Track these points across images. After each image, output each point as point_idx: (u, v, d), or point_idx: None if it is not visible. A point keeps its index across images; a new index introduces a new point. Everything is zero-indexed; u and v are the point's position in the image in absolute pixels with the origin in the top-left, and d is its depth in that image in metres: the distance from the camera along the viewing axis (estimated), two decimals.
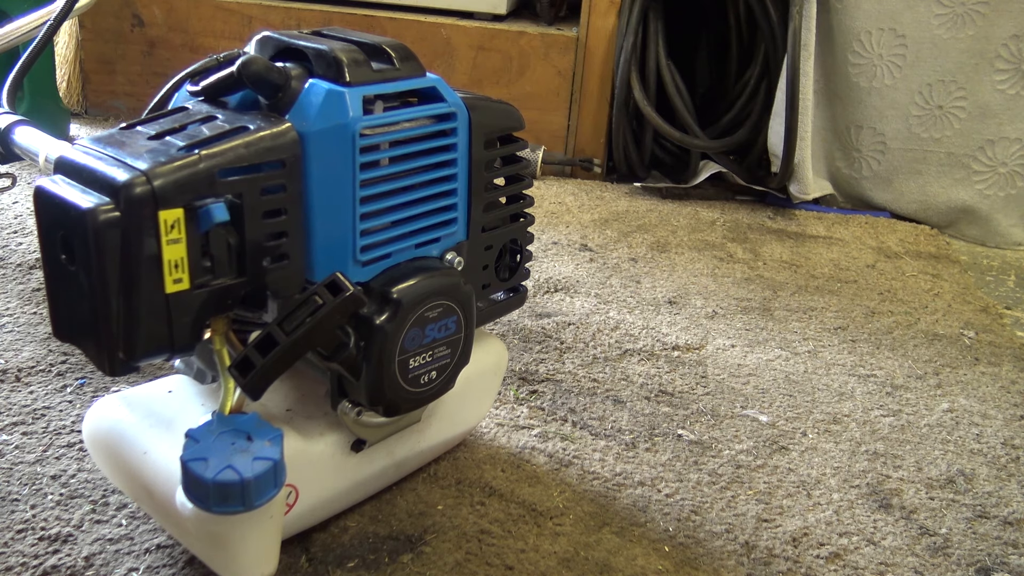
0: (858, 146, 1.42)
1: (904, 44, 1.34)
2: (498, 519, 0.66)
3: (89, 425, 0.60)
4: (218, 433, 0.50)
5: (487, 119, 0.61)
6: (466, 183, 0.61)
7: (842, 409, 0.86)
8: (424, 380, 0.59)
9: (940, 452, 0.80)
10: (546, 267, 1.13)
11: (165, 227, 0.46)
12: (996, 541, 0.69)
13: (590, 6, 1.42)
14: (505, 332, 0.95)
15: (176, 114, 0.54)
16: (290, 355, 0.49)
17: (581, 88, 1.46)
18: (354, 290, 0.50)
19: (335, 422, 0.60)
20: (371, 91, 0.54)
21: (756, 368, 0.92)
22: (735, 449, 0.78)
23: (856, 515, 0.71)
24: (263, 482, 0.48)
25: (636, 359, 0.92)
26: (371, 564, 0.61)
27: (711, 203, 1.42)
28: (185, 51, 1.53)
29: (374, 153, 0.54)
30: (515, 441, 0.76)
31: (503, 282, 0.68)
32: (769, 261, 1.21)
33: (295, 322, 0.49)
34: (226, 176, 0.48)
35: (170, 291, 0.47)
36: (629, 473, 0.73)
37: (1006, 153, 1.36)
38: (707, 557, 0.65)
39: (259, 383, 0.49)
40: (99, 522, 0.63)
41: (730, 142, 1.45)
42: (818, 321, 1.04)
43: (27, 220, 1.12)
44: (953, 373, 0.95)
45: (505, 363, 0.73)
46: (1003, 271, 1.28)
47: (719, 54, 1.56)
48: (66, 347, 0.84)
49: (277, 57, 0.57)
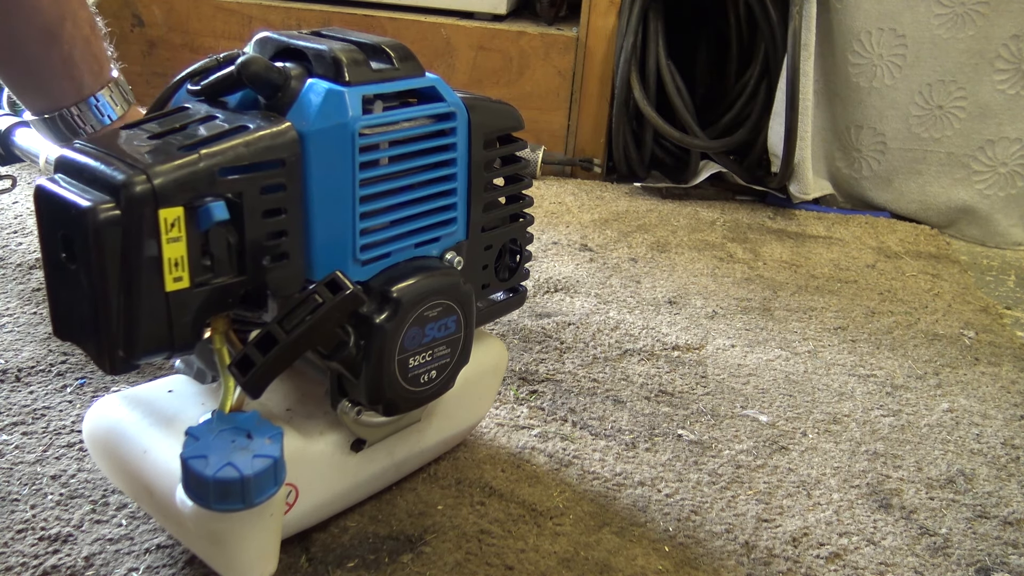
0: (858, 146, 1.42)
1: (904, 44, 1.34)
2: (498, 519, 0.66)
3: (89, 425, 0.60)
4: (218, 431, 0.50)
5: (486, 119, 0.61)
6: (465, 183, 0.61)
7: (842, 409, 0.86)
8: (424, 379, 0.59)
9: (940, 452, 0.80)
10: (546, 267, 1.13)
11: (165, 225, 0.46)
12: (996, 541, 0.69)
13: (590, 6, 1.42)
14: (505, 332, 0.95)
15: (176, 114, 0.54)
16: (290, 353, 0.49)
17: (581, 88, 1.46)
18: (353, 288, 0.50)
19: (335, 421, 0.60)
20: (370, 91, 0.54)
21: (756, 368, 0.92)
22: (735, 449, 0.78)
23: (856, 515, 0.71)
24: (263, 480, 0.48)
25: (636, 359, 0.92)
26: (371, 564, 0.61)
27: (711, 203, 1.42)
28: (185, 51, 1.53)
29: (373, 152, 0.54)
30: (515, 441, 0.76)
31: (503, 282, 0.68)
32: (769, 261, 1.21)
33: (295, 321, 0.49)
34: (226, 175, 0.48)
35: (170, 289, 0.47)
36: (629, 473, 0.73)
37: (1006, 153, 1.36)
38: (707, 557, 0.65)
39: (259, 381, 0.49)
40: (99, 522, 0.63)
41: (730, 142, 1.45)
42: (818, 321, 1.04)
43: (27, 220, 1.12)
44: (953, 373, 0.95)
45: (505, 363, 0.73)
46: (1003, 271, 1.28)
47: (719, 54, 1.56)
48: (66, 347, 0.84)
49: (277, 57, 0.57)
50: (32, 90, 0.75)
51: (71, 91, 0.74)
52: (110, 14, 1.52)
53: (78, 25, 0.72)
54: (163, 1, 1.51)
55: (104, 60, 0.77)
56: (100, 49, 0.76)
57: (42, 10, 0.70)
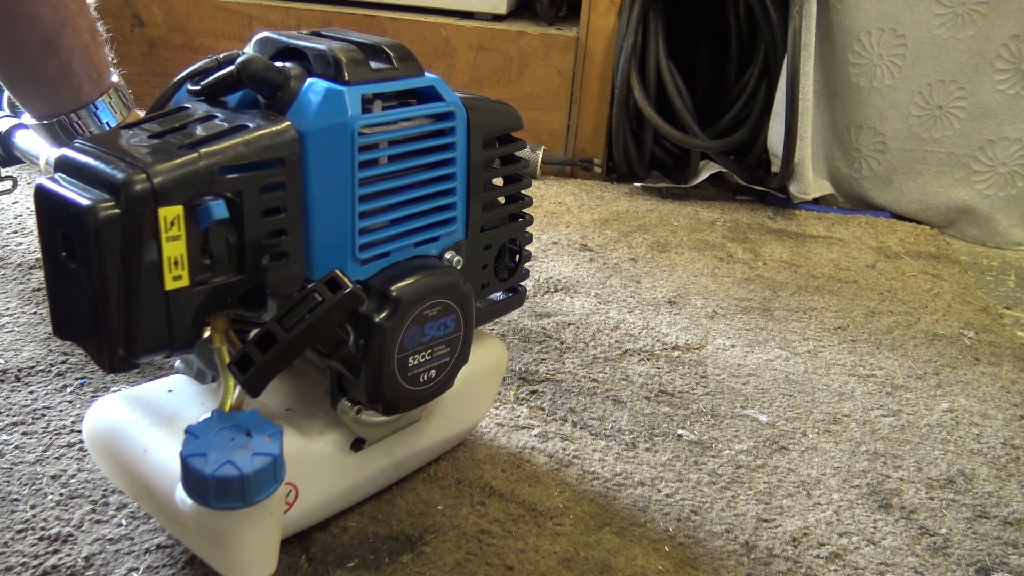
0: (858, 146, 1.42)
1: (904, 44, 1.34)
2: (498, 519, 0.66)
3: (89, 424, 0.60)
4: (218, 429, 0.50)
5: (485, 119, 0.61)
6: (465, 182, 0.61)
7: (842, 409, 0.86)
8: (423, 379, 0.59)
9: (940, 452, 0.80)
10: (546, 267, 1.13)
11: (165, 224, 0.46)
12: (996, 541, 0.69)
13: (590, 6, 1.42)
14: (505, 332, 0.95)
15: (176, 113, 0.54)
16: (289, 352, 0.49)
17: (581, 88, 1.46)
18: (353, 287, 0.50)
19: (335, 421, 0.60)
20: (370, 90, 0.54)
21: (756, 368, 0.92)
22: (735, 449, 0.78)
23: (856, 515, 0.71)
24: (262, 478, 0.48)
25: (636, 359, 0.92)
26: (371, 564, 0.61)
27: (711, 203, 1.42)
28: (185, 51, 1.53)
29: (373, 152, 0.54)
30: (515, 441, 0.76)
31: (502, 282, 0.68)
32: (769, 261, 1.21)
33: (294, 319, 0.49)
34: (226, 174, 0.48)
35: (170, 288, 0.47)
36: (629, 473, 0.73)
37: (1006, 153, 1.36)
38: (707, 557, 0.65)
39: (258, 380, 0.49)
40: (99, 522, 0.63)
41: (730, 142, 1.45)
42: (818, 321, 1.04)
43: (27, 220, 1.12)
44: (953, 373, 0.95)
45: (505, 363, 0.73)
46: (1003, 271, 1.28)
47: (719, 54, 1.56)
48: (66, 347, 0.84)
49: (276, 57, 0.57)
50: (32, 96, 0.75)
51: (69, 99, 0.74)
52: (110, 14, 1.52)
53: (77, 33, 0.73)
54: (163, 1, 1.51)
55: (104, 67, 0.77)
56: (100, 56, 0.76)
57: (41, 18, 0.70)
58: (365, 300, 0.53)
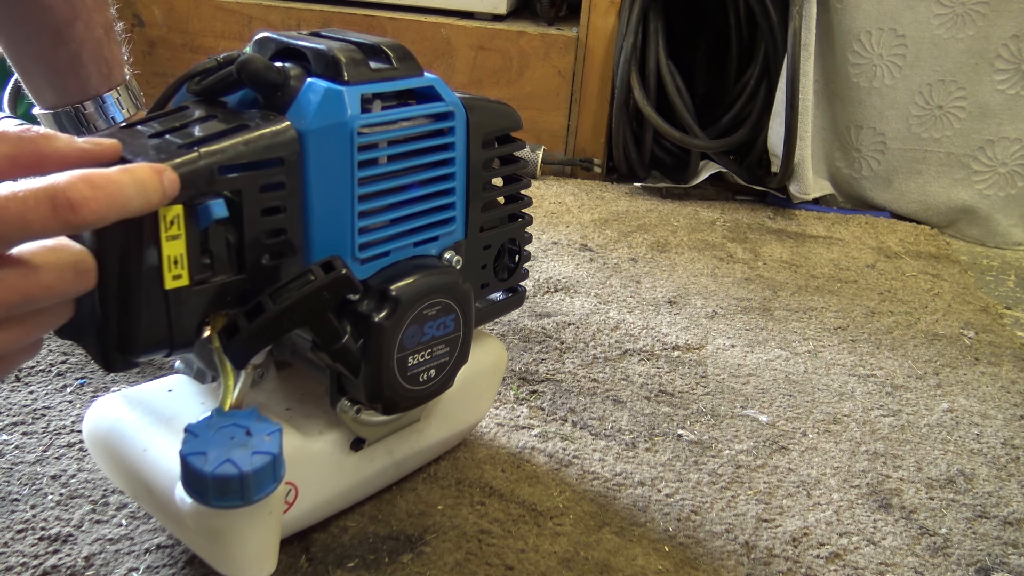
0: (858, 146, 1.42)
1: (904, 44, 1.34)
2: (498, 519, 0.66)
3: (89, 424, 0.60)
4: (217, 428, 0.49)
5: (485, 119, 0.61)
6: (464, 182, 0.61)
7: (842, 409, 0.86)
8: (423, 378, 0.59)
9: (940, 452, 0.80)
10: (546, 267, 1.13)
11: (164, 223, 0.46)
12: (996, 541, 0.69)
13: (590, 6, 1.42)
14: (505, 332, 0.95)
15: (176, 113, 0.54)
16: (276, 325, 0.49)
17: (581, 88, 1.46)
18: (346, 272, 0.50)
19: (334, 421, 0.60)
20: (369, 90, 0.54)
21: (756, 368, 0.92)
22: (735, 449, 0.78)
23: (856, 515, 0.71)
24: (262, 476, 0.48)
25: (636, 359, 0.92)
26: (371, 564, 0.61)
27: (711, 203, 1.42)
28: (185, 51, 1.54)
29: (372, 151, 0.54)
30: (515, 441, 0.76)
31: (502, 282, 0.68)
32: (769, 261, 1.21)
33: (285, 293, 0.50)
34: (225, 173, 0.48)
35: (169, 287, 0.47)
36: (629, 473, 0.73)
37: (1006, 153, 1.36)
38: (707, 557, 0.65)
39: (243, 348, 0.50)
40: (99, 522, 0.63)
41: (730, 142, 1.45)
42: (818, 321, 1.04)
43: None
44: (953, 373, 0.95)
45: (505, 363, 0.73)
46: (1003, 271, 1.28)
47: (719, 54, 1.56)
48: (66, 347, 0.84)
49: (276, 57, 0.57)
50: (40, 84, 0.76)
51: (76, 89, 0.75)
52: None
53: (91, 27, 0.73)
54: (163, 1, 1.51)
55: (116, 63, 0.77)
56: (112, 52, 0.77)
57: (53, 10, 0.71)
58: (357, 286, 0.53)
